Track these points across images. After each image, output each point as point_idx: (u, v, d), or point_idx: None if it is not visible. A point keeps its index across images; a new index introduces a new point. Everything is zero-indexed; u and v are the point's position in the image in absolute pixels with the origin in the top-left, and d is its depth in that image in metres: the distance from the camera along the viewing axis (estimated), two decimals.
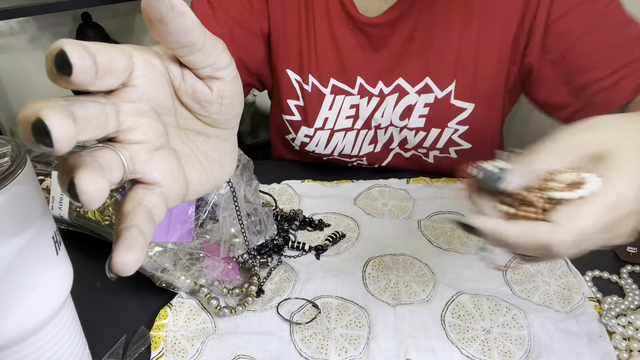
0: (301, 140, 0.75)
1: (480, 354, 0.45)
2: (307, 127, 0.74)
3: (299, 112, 0.74)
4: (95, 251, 0.59)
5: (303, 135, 0.75)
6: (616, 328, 0.46)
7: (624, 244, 0.47)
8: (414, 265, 0.56)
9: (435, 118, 0.70)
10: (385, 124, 0.73)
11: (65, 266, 0.36)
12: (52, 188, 0.56)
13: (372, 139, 0.75)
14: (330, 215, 0.65)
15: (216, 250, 0.52)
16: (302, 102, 0.74)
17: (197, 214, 0.50)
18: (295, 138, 0.76)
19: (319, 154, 0.76)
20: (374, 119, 0.72)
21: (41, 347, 0.35)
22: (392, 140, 0.75)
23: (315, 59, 0.71)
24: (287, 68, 0.73)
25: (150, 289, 0.51)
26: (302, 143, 0.76)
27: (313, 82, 0.72)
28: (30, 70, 1.68)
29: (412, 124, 0.71)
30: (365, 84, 0.71)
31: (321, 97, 0.72)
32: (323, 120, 0.73)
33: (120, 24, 1.78)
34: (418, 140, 0.72)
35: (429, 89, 0.69)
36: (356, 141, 0.75)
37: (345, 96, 0.72)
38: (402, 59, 0.70)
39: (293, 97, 0.74)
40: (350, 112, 0.73)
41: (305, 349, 0.46)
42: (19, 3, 1.40)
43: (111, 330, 0.48)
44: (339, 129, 0.73)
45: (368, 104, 0.72)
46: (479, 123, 0.70)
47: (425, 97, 0.70)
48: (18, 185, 0.30)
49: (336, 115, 0.73)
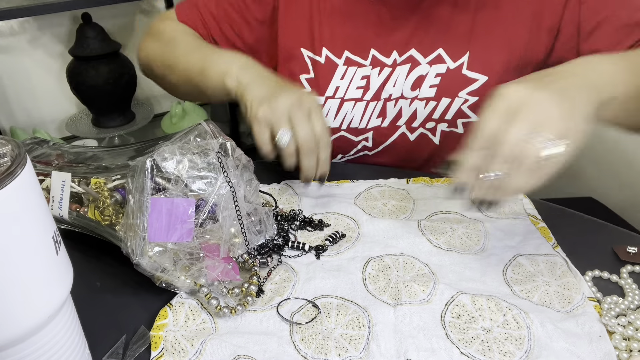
0: None
1: (480, 354, 0.45)
2: (318, 96, 0.75)
3: (310, 85, 0.77)
4: (95, 251, 0.59)
5: None
6: (616, 328, 0.46)
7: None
8: (414, 265, 0.56)
9: (446, 87, 0.72)
10: (397, 94, 0.75)
11: (65, 266, 0.36)
12: (52, 188, 0.56)
13: (381, 112, 0.77)
14: (330, 215, 0.65)
15: (216, 250, 0.52)
16: (312, 74, 0.77)
17: (197, 214, 0.50)
18: None
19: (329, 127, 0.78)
20: (384, 89, 0.75)
21: (41, 347, 0.35)
22: (400, 115, 0.76)
23: (329, 32, 0.75)
24: (301, 47, 0.76)
25: (150, 289, 0.51)
26: None
27: (327, 54, 0.75)
28: (30, 70, 1.68)
29: (422, 94, 0.73)
30: (378, 54, 0.74)
31: (334, 68, 0.75)
32: (334, 89, 0.76)
33: (120, 24, 1.78)
34: (428, 111, 0.74)
35: (441, 59, 0.72)
36: (365, 113, 0.77)
37: (358, 67, 0.75)
38: (417, 30, 0.72)
39: (305, 72, 0.77)
40: (361, 83, 0.75)
41: (305, 349, 0.46)
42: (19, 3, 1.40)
43: (111, 330, 0.48)
44: (349, 98, 0.76)
45: (379, 74, 0.74)
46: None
47: (437, 68, 0.72)
48: (18, 185, 0.30)
49: (347, 84, 0.75)
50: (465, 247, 0.59)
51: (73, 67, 1.58)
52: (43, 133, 1.61)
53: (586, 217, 0.65)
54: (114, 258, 0.56)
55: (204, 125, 0.54)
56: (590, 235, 0.62)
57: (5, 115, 1.70)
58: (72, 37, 1.64)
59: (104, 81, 1.58)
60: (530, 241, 0.59)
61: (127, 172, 0.50)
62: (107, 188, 0.53)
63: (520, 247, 0.58)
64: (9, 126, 1.69)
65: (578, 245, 0.59)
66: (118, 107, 1.69)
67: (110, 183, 0.53)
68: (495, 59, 0.71)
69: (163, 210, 0.48)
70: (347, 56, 0.75)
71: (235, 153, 0.55)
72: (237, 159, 0.55)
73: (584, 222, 0.64)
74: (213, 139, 0.53)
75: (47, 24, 1.66)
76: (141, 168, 0.48)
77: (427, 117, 0.75)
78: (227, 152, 0.54)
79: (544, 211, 0.65)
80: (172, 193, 0.49)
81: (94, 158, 0.59)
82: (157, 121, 1.84)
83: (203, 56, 0.73)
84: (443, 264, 0.56)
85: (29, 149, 0.65)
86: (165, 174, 0.49)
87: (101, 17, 1.65)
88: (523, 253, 0.57)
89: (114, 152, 0.59)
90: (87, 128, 1.71)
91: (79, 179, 0.55)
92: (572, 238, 0.60)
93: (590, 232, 0.62)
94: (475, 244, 0.59)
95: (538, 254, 0.57)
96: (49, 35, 1.67)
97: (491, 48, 0.71)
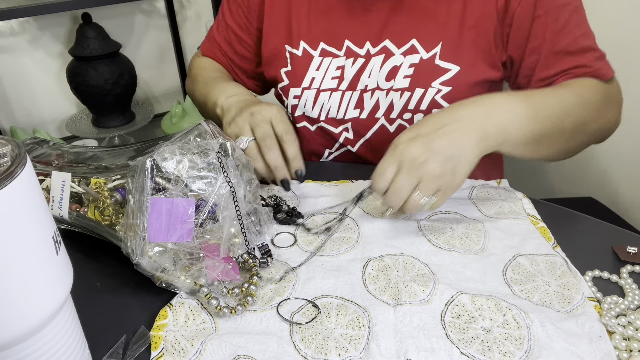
0: (291, 104, 0.81)
1: (481, 354, 0.45)
2: (296, 88, 0.80)
3: (288, 77, 0.81)
4: (95, 251, 0.59)
5: (292, 97, 0.81)
6: (616, 328, 0.47)
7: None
8: (414, 265, 0.56)
9: (419, 78, 0.73)
10: (372, 86, 0.76)
11: (65, 266, 0.36)
12: (52, 188, 0.56)
13: (358, 103, 0.78)
14: (330, 215, 0.65)
15: (216, 250, 0.52)
16: (290, 67, 0.81)
17: (197, 214, 0.50)
18: (287, 105, 0.82)
19: (308, 117, 0.81)
20: (360, 80, 0.77)
21: (41, 347, 0.35)
22: (377, 107, 0.78)
23: (307, 26, 0.79)
24: (284, 44, 0.81)
25: (150, 289, 0.51)
26: (292, 107, 0.82)
27: (304, 47, 0.79)
28: (30, 70, 1.68)
29: (397, 84, 0.75)
30: (352, 45, 0.77)
31: (309, 59, 0.79)
32: (310, 80, 0.79)
33: (120, 24, 1.78)
34: (403, 102, 0.75)
35: (415, 49, 0.74)
36: (341, 103, 0.79)
37: (333, 58, 0.78)
38: (390, 21, 0.74)
39: (284, 66, 0.82)
40: (336, 73, 0.78)
41: (305, 349, 0.46)
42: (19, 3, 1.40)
43: (111, 330, 0.48)
44: (324, 88, 0.79)
45: (353, 65, 0.77)
46: (463, 88, 0.73)
47: (411, 58, 0.74)
48: (18, 185, 0.30)
49: (322, 75, 0.78)
50: (465, 247, 0.59)
51: (73, 67, 1.58)
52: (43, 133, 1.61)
53: (586, 217, 0.65)
54: (114, 258, 0.56)
55: (204, 125, 0.54)
56: (590, 235, 0.62)
57: (5, 115, 1.70)
58: (72, 37, 1.64)
59: (104, 81, 1.58)
60: (530, 241, 0.59)
61: (127, 172, 0.50)
62: (107, 188, 0.53)
63: (520, 247, 0.58)
64: (9, 126, 1.69)
65: (578, 245, 0.59)
66: (118, 107, 1.69)
67: (110, 183, 0.53)
68: (466, 49, 0.72)
69: (163, 210, 0.48)
70: (322, 47, 0.78)
71: (235, 153, 0.55)
72: (237, 159, 0.55)
73: (584, 222, 0.64)
74: (213, 139, 0.53)
75: (47, 24, 1.66)
76: (141, 168, 0.48)
77: (404, 108, 0.76)
78: (227, 152, 0.54)
79: (544, 211, 0.65)
80: (172, 193, 0.49)
81: (94, 158, 0.59)
82: (157, 121, 1.84)
83: (207, 90, 0.83)
84: (443, 264, 0.56)
85: (29, 149, 0.65)
86: (165, 174, 0.49)
87: (101, 17, 1.65)
88: (523, 253, 0.57)
89: (114, 152, 0.59)
90: (87, 128, 1.71)
91: (79, 179, 0.55)
92: (572, 238, 0.60)
93: (590, 232, 0.62)
94: (475, 243, 0.59)
95: (538, 254, 0.57)
96: (49, 35, 1.67)
97: (463, 39, 0.71)
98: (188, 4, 1.91)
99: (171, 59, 1.93)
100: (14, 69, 1.65)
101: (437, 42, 0.72)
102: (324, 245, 0.59)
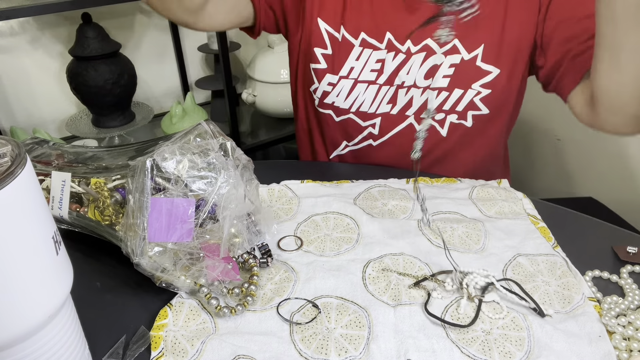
0: (323, 90, 0.78)
1: (481, 354, 0.45)
2: (332, 75, 0.77)
3: (326, 60, 0.77)
4: (95, 251, 0.59)
5: (327, 83, 0.78)
6: (616, 328, 0.46)
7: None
8: (414, 265, 0.56)
9: (459, 78, 0.73)
10: (409, 82, 0.75)
11: (65, 266, 0.36)
12: (52, 188, 0.56)
13: (392, 98, 0.77)
14: (330, 215, 0.65)
15: (216, 250, 0.52)
16: (330, 50, 0.77)
17: (197, 214, 0.50)
18: (317, 89, 0.79)
19: (338, 108, 0.79)
20: (398, 76, 0.75)
21: (41, 347, 0.35)
22: (410, 104, 0.77)
23: (349, 12, 0.76)
24: (318, 17, 0.77)
25: (150, 289, 0.51)
26: (323, 93, 0.78)
27: (344, 33, 0.76)
28: (30, 70, 1.68)
29: (435, 83, 0.74)
30: (393, 40, 0.74)
31: (350, 48, 0.76)
32: (349, 70, 0.76)
33: (120, 24, 1.78)
34: (439, 102, 0.75)
35: (456, 49, 0.73)
36: (376, 97, 0.77)
37: (373, 50, 0.75)
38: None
39: (321, 46, 0.77)
40: (376, 66, 0.76)
41: (305, 349, 0.46)
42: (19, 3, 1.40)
43: (111, 330, 0.48)
44: (362, 80, 0.76)
45: (394, 59, 0.75)
46: (501, 89, 0.73)
47: (452, 58, 0.73)
48: (18, 185, 0.30)
49: (362, 66, 0.76)
50: (465, 246, 0.59)
51: (73, 67, 1.58)
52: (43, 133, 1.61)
53: (586, 217, 0.65)
54: (114, 258, 0.56)
55: (204, 125, 0.54)
56: (590, 235, 0.62)
57: (5, 115, 1.70)
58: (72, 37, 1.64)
59: (104, 81, 1.58)
60: (530, 241, 0.59)
61: (127, 172, 0.50)
62: (107, 188, 0.53)
63: (520, 247, 0.58)
64: (9, 126, 1.69)
65: (578, 245, 0.59)
66: (118, 107, 1.69)
67: (110, 183, 0.53)
68: (506, 52, 0.72)
69: (163, 210, 0.48)
70: (363, 38, 0.75)
71: (235, 153, 0.55)
72: (237, 159, 0.55)
73: (584, 222, 0.64)
74: (213, 139, 0.53)
75: (47, 24, 1.66)
76: (141, 168, 0.48)
77: (438, 108, 0.75)
78: (227, 152, 0.54)
79: (544, 211, 0.65)
80: (172, 193, 0.49)
81: (94, 158, 0.59)
82: (157, 121, 1.84)
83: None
84: (443, 264, 0.56)
85: (29, 149, 0.65)
86: (165, 174, 0.49)
87: (101, 17, 1.65)
88: (523, 253, 0.57)
89: (114, 152, 0.59)
90: (87, 128, 1.71)
91: (79, 179, 0.55)
92: (572, 238, 0.60)
93: (590, 232, 0.62)
94: (475, 243, 0.59)
95: (538, 253, 0.57)
96: (49, 35, 1.67)
97: (504, 41, 0.72)
98: None
99: (171, 59, 1.93)
100: (14, 69, 1.65)
101: (479, 43, 0.72)
102: (324, 246, 0.59)
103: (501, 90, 0.73)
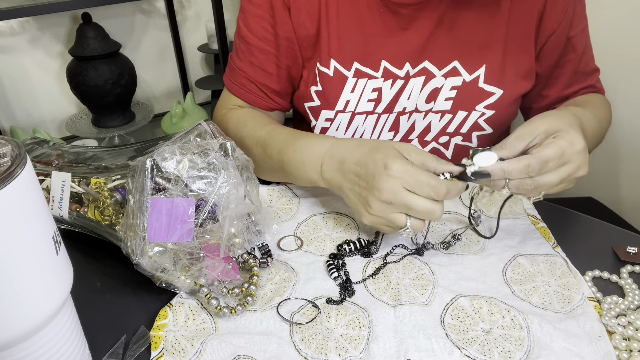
0: (321, 126, 0.76)
1: (481, 354, 0.45)
2: (328, 110, 0.74)
3: (319, 97, 0.75)
4: (95, 251, 0.59)
5: (324, 119, 0.75)
6: (616, 328, 0.46)
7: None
8: (413, 265, 0.56)
9: (462, 100, 0.72)
10: (411, 108, 0.74)
11: (65, 266, 0.36)
12: (52, 188, 0.56)
13: (393, 125, 0.75)
14: (330, 215, 0.65)
15: (216, 250, 0.52)
16: (320, 87, 0.74)
17: (197, 214, 0.50)
18: (315, 126, 0.77)
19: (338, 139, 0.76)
20: (398, 102, 0.73)
21: (41, 347, 0.35)
22: (413, 129, 0.75)
23: (337, 43, 0.72)
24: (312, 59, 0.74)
25: (150, 289, 0.51)
26: (322, 129, 0.76)
27: (335, 65, 0.72)
28: (30, 70, 1.68)
29: (438, 106, 0.72)
30: (390, 66, 0.72)
31: (343, 80, 0.73)
32: (345, 103, 0.74)
33: (120, 24, 1.78)
34: (443, 124, 0.73)
35: (457, 72, 0.71)
36: (376, 126, 0.75)
37: (368, 79, 0.73)
38: (430, 42, 0.70)
39: (313, 84, 0.75)
40: (372, 95, 0.73)
41: (305, 349, 0.46)
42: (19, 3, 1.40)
43: (111, 330, 0.48)
44: (360, 111, 0.74)
45: (392, 87, 0.72)
46: (505, 109, 0.72)
47: (452, 80, 0.71)
48: (18, 185, 0.30)
49: (358, 97, 0.73)
50: (465, 246, 0.59)
51: (73, 67, 1.58)
52: (43, 133, 1.61)
53: (586, 217, 0.65)
54: (114, 258, 0.56)
55: (204, 125, 0.54)
56: (590, 235, 0.62)
57: (5, 115, 1.70)
58: (72, 37, 1.64)
59: (104, 81, 1.58)
60: (530, 241, 0.59)
61: (127, 172, 0.50)
62: (107, 188, 0.53)
63: (520, 247, 0.58)
64: (9, 126, 1.69)
65: (578, 245, 0.59)
66: (118, 107, 1.69)
67: (110, 183, 0.53)
68: (508, 71, 0.71)
69: (163, 210, 0.48)
70: (356, 67, 0.72)
71: (235, 153, 0.55)
72: (237, 159, 0.55)
73: (584, 222, 0.64)
74: (213, 139, 0.53)
75: (47, 24, 1.66)
76: (141, 168, 0.48)
77: (442, 131, 0.74)
78: (227, 152, 0.54)
79: (544, 211, 0.65)
80: (172, 193, 0.49)
81: (94, 158, 0.59)
82: (157, 121, 1.84)
83: (280, 158, 0.67)
84: (442, 264, 0.56)
85: (29, 149, 0.65)
86: (165, 174, 0.49)
87: (101, 17, 1.65)
88: (523, 253, 0.57)
89: (114, 152, 0.59)
90: (87, 128, 1.71)
91: (79, 179, 0.55)
92: (572, 238, 0.60)
93: (590, 232, 0.62)
94: (475, 243, 0.59)
95: (538, 254, 0.57)
96: (49, 35, 1.67)
97: (506, 61, 0.70)
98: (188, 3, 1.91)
99: (171, 59, 1.93)
100: (14, 69, 1.65)
101: (480, 64, 0.70)
102: (324, 246, 0.59)
103: (505, 109, 0.72)
